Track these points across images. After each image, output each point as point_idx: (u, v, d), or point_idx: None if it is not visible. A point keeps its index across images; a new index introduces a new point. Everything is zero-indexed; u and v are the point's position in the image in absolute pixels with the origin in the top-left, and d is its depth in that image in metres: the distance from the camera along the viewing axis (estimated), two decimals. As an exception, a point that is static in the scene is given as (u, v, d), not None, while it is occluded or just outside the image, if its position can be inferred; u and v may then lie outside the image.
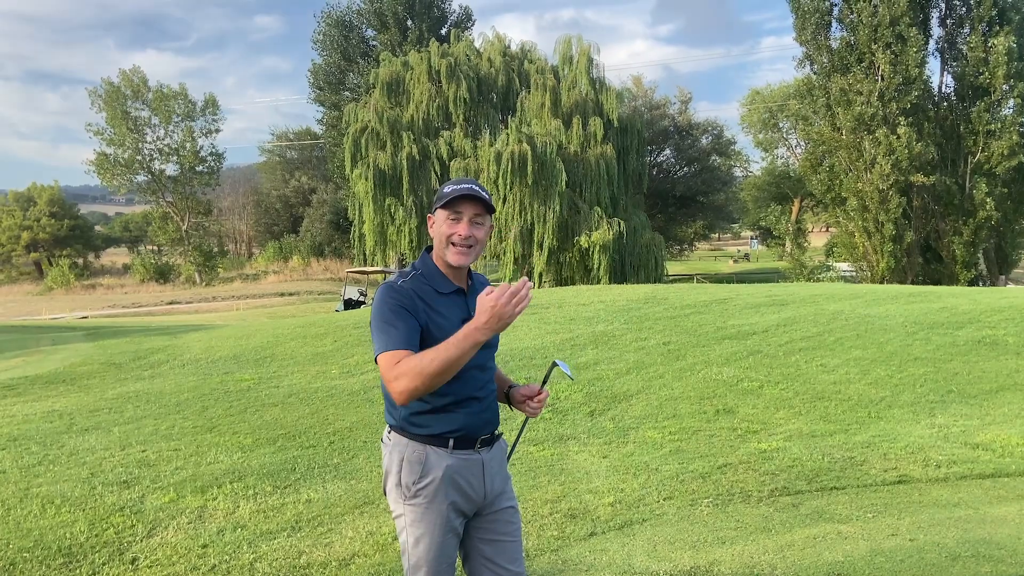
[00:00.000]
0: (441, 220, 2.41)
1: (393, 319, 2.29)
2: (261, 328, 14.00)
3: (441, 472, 2.37)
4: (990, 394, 7.47)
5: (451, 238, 2.38)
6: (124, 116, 53.78)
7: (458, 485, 2.40)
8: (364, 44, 49.12)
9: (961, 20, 30.41)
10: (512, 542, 2.54)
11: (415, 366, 2.16)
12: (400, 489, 2.39)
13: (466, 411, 2.40)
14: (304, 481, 5.51)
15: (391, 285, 2.38)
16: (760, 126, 57.92)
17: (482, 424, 2.45)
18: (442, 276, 2.43)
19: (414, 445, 2.39)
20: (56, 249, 60.94)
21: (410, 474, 2.38)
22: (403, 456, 2.39)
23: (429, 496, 2.37)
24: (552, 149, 31.18)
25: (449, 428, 2.39)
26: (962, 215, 30.01)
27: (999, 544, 4.08)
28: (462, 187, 2.40)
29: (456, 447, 2.39)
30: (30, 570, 4.04)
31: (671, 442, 6.26)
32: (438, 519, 2.37)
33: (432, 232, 2.46)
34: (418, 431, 2.39)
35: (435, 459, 2.38)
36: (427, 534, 2.37)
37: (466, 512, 2.46)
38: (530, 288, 2.14)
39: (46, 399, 8.66)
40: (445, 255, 2.41)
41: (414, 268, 2.46)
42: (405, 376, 2.17)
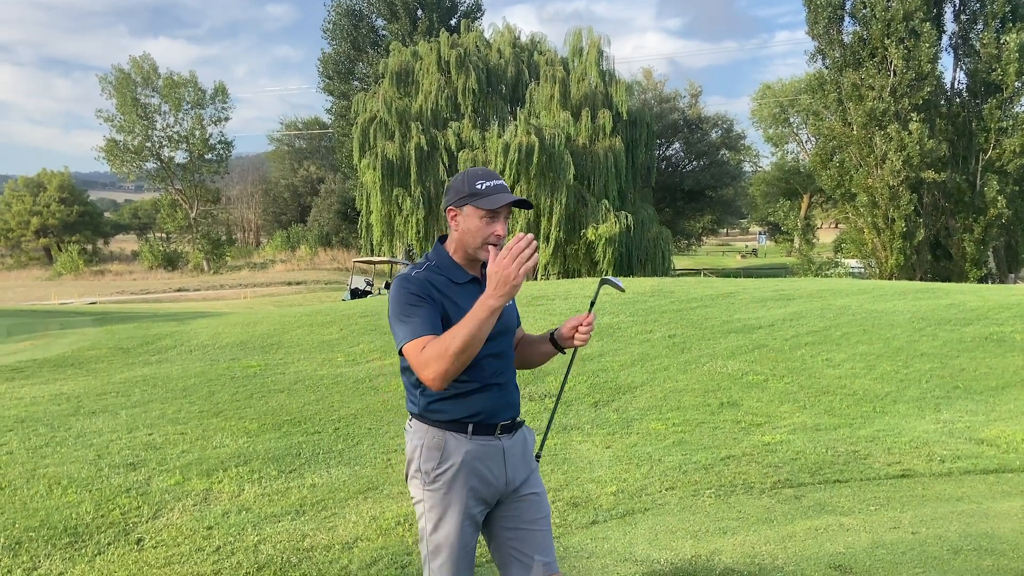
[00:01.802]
0: (474, 217, 2.37)
1: (411, 308, 2.29)
2: (268, 316, 14.06)
3: (460, 458, 2.36)
4: (996, 391, 7.45)
5: (488, 239, 2.36)
6: (134, 103, 53.90)
7: (478, 471, 2.39)
8: (374, 34, 49.08)
9: (975, 16, 30.19)
10: (539, 531, 2.50)
11: (440, 349, 2.16)
12: (420, 475, 2.39)
13: (484, 396, 2.40)
14: (309, 466, 5.55)
15: (406, 276, 2.38)
16: (771, 121, 57.65)
17: (501, 409, 2.44)
18: (457, 266, 2.43)
19: (433, 431, 2.39)
20: (65, 235, 61.26)
21: (429, 460, 2.37)
22: (423, 442, 2.40)
23: (448, 482, 2.36)
24: (560, 141, 31.14)
25: (467, 413, 2.38)
26: (972, 212, 29.84)
27: (1001, 538, 4.07)
28: (497, 184, 2.39)
29: (475, 433, 2.39)
30: (36, 549, 4.09)
31: (675, 433, 6.27)
32: (457, 506, 2.37)
33: (455, 225, 2.42)
34: (437, 417, 2.39)
35: (454, 445, 2.37)
36: (445, 521, 2.36)
37: (487, 499, 2.44)
38: (533, 244, 2.11)
39: (54, 382, 8.72)
40: (477, 252, 2.39)
41: (427, 260, 2.45)
42: (433, 361, 2.17)
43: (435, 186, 33.99)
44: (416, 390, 2.41)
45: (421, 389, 2.39)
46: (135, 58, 54.69)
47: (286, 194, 66.67)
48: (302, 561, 3.93)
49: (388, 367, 8.88)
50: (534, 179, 30.66)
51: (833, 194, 34.04)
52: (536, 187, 30.94)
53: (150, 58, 54.90)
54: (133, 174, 57.75)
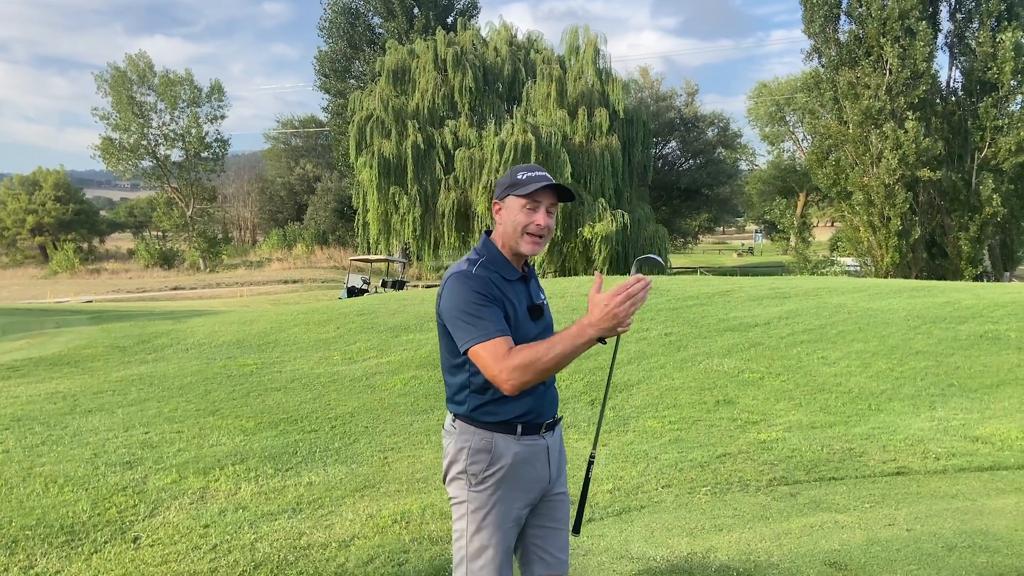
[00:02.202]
0: (516, 208, 2.36)
1: (479, 308, 2.24)
2: (264, 314, 14.04)
3: (510, 460, 2.35)
4: (991, 388, 7.48)
5: (528, 227, 2.34)
6: (130, 101, 53.76)
7: (525, 473, 2.38)
8: (370, 32, 49.02)
9: (970, 15, 30.24)
10: (563, 530, 2.52)
11: (529, 360, 2.13)
12: (466, 477, 2.37)
13: (532, 396, 2.38)
14: (305, 464, 5.55)
15: (466, 273, 2.32)
16: (767, 119, 57.68)
17: (546, 407, 2.44)
18: (507, 263, 2.40)
19: (481, 433, 2.36)
20: (61, 233, 61.09)
21: (477, 462, 2.35)
22: (469, 444, 2.37)
23: (496, 484, 2.35)
24: (557, 139, 31.14)
25: (517, 414, 2.36)
26: (968, 211, 29.90)
27: (996, 535, 4.09)
28: (539, 175, 2.37)
29: (523, 433, 2.37)
30: (32, 548, 4.09)
31: (671, 431, 6.28)
32: (503, 507, 2.36)
33: (500, 218, 2.40)
34: (487, 419, 2.36)
35: (503, 447, 2.36)
36: (491, 522, 2.35)
37: (532, 499, 2.44)
38: (648, 287, 2.08)
39: (50, 380, 8.71)
40: (518, 244, 2.37)
41: (478, 254, 2.40)
42: (519, 370, 2.14)
43: (432, 184, 33.97)
44: (464, 391, 2.36)
45: (470, 390, 2.35)
46: (131, 56, 54.59)
47: (282, 192, 66.57)
48: (299, 559, 3.94)
49: (385, 365, 8.88)
50: (531, 177, 30.63)
51: (829, 192, 34.09)
52: (533, 185, 30.93)
53: (146, 56, 54.80)
54: (129, 172, 57.60)
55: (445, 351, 2.41)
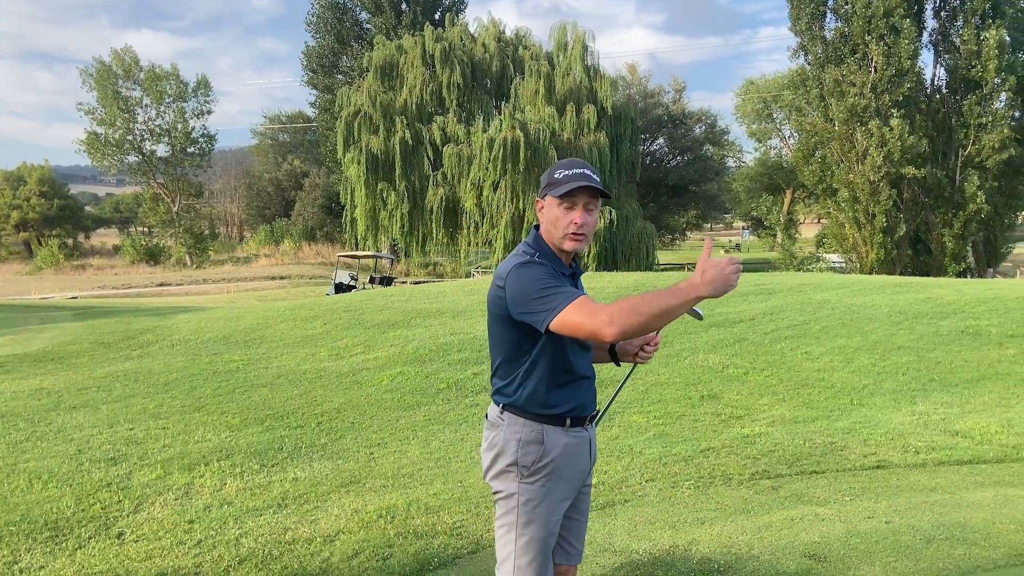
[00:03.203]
0: (554, 207, 2.38)
1: (553, 285, 2.23)
2: (251, 310, 14.01)
3: (559, 451, 2.38)
4: (971, 383, 7.57)
5: (568, 227, 2.36)
6: (115, 96, 53.35)
7: (572, 464, 2.42)
8: (358, 27, 48.84)
9: (954, 12, 30.45)
10: (584, 522, 2.60)
11: (634, 306, 2.08)
12: (516, 468, 2.37)
13: (581, 388, 2.43)
14: (291, 460, 5.56)
15: (531, 262, 2.32)
16: (754, 116, 57.88)
17: (591, 400, 2.49)
18: (557, 258, 2.42)
19: (532, 425, 2.38)
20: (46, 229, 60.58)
21: (528, 454, 2.36)
22: (519, 436, 2.38)
23: (547, 475, 2.37)
24: (545, 136, 31.14)
25: (567, 407, 2.40)
26: (952, 208, 30.14)
27: (973, 528, 4.15)
28: (575, 173, 2.37)
29: (571, 425, 2.41)
30: (16, 543, 4.08)
31: (655, 426, 6.33)
32: (553, 498, 2.39)
33: (542, 216, 2.43)
34: (539, 410, 2.38)
35: (553, 438, 2.38)
36: (541, 515, 2.37)
37: (576, 489, 2.49)
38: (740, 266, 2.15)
39: (34, 377, 8.66)
40: (561, 243, 2.39)
41: (531, 248, 2.41)
42: (623, 313, 2.07)
43: (420, 180, 33.91)
44: (519, 381, 2.38)
45: (526, 381, 2.37)
46: (116, 50, 54.18)
47: (270, 188, 66.25)
48: (283, 554, 3.95)
49: (371, 362, 8.89)
50: (520, 174, 30.66)
51: (815, 189, 34.30)
52: (521, 182, 30.95)
53: (131, 51, 54.42)
54: (114, 168, 57.17)
55: (502, 342, 2.40)
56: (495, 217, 31.65)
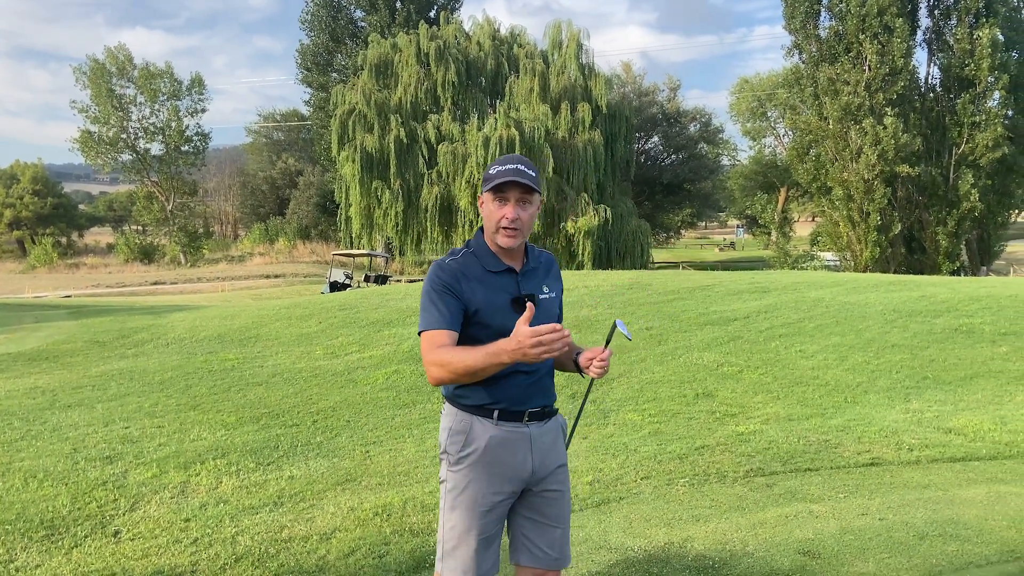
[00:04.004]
0: (489, 202, 2.42)
1: (436, 298, 2.34)
2: (246, 309, 13.99)
3: (484, 443, 2.39)
4: (964, 381, 7.61)
5: (499, 222, 2.39)
6: (109, 94, 53.16)
7: (500, 457, 2.40)
8: (352, 25, 48.76)
9: (948, 11, 30.57)
10: (555, 528, 2.52)
11: (446, 360, 2.23)
12: (446, 456, 2.45)
13: (511, 384, 2.40)
14: (287, 458, 5.56)
15: (439, 263, 2.41)
16: (748, 115, 57.99)
17: (529, 397, 2.45)
18: (492, 255, 2.44)
19: (461, 415, 2.43)
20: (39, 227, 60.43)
21: (455, 443, 2.42)
22: (451, 425, 2.45)
23: (472, 465, 2.40)
24: (540, 134, 31.16)
25: (493, 400, 2.40)
26: (946, 206, 30.26)
27: (966, 524, 4.18)
28: (507, 169, 2.39)
29: (501, 419, 2.41)
30: (12, 542, 4.08)
31: (650, 424, 6.35)
32: (476, 491, 2.39)
33: (482, 213, 2.46)
34: (464, 401, 2.43)
35: (479, 429, 2.41)
36: (463, 504, 2.40)
37: (512, 488, 2.45)
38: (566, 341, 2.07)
39: (29, 376, 8.64)
40: (497, 239, 2.41)
41: (467, 246, 2.48)
42: (436, 366, 2.26)
43: (414, 179, 33.89)
44: None
45: None
46: (110, 48, 53.99)
47: (264, 187, 66.10)
48: (280, 552, 3.96)
49: (367, 360, 8.89)
50: (514, 172, 30.64)
51: (809, 188, 34.40)
52: (516, 180, 30.95)
53: (125, 48, 54.20)
54: (108, 166, 56.95)
55: None
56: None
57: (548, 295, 2.53)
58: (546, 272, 2.58)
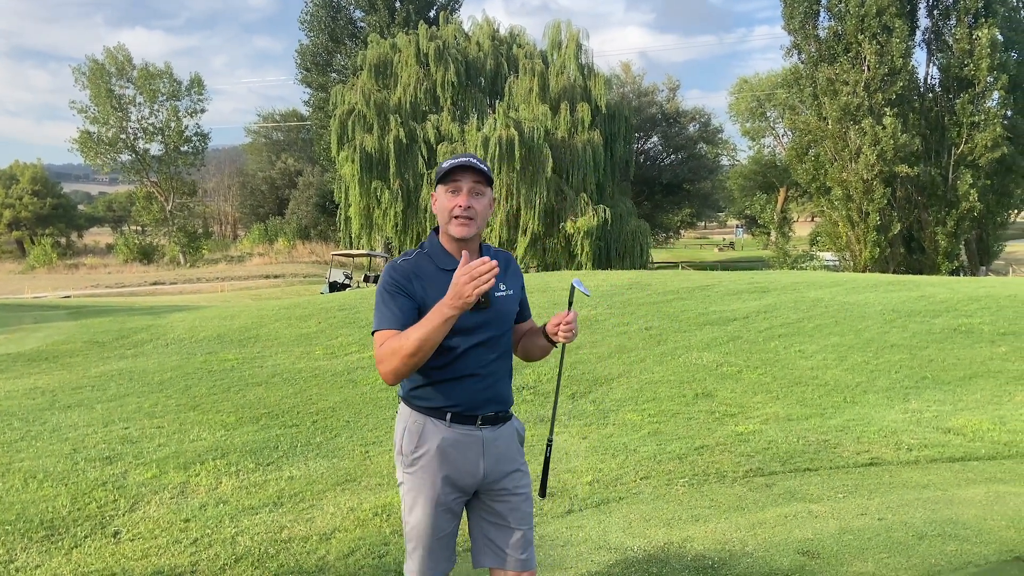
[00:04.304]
0: (441, 195, 2.43)
1: (387, 299, 2.36)
2: (245, 309, 13.99)
3: (436, 444, 2.42)
4: (963, 381, 7.61)
5: (452, 211, 2.40)
6: (108, 94, 53.19)
7: (451, 459, 2.43)
8: (352, 25, 48.80)
9: (947, 11, 30.59)
10: (516, 529, 2.52)
11: (394, 347, 2.24)
12: (401, 457, 2.49)
13: (464, 387, 2.42)
14: (287, 459, 5.57)
15: (392, 264, 2.44)
16: (748, 115, 58.04)
17: (483, 402, 2.46)
18: (446, 253, 2.46)
19: (415, 416, 2.46)
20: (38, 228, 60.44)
21: (409, 443, 2.45)
22: (405, 426, 2.48)
23: (423, 466, 2.43)
24: (539, 135, 31.17)
25: (446, 403, 2.43)
26: (945, 206, 30.28)
27: (965, 524, 4.19)
28: (459, 159, 2.43)
29: (454, 421, 2.43)
30: (12, 542, 4.08)
31: (650, 424, 6.35)
32: (430, 491, 2.43)
33: (436, 209, 2.48)
34: (419, 403, 2.46)
35: (432, 431, 2.43)
36: (419, 504, 2.44)
37: (463, 489, 2.48)
38: (494, 271, 2.14)
39: (28, 376, 8.64)
40: (449, 229, 2.42)
41: (421, 246, 2.51)
42: (386, 358, 2.26)
43: (414, 179, 33.89)
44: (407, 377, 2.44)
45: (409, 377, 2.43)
46: (109, 49, 54.05)
47: (263, 187, 66.11)
48: (280, 552, 3.96)
49: (367, 360, 8.89)
50: (514, 173, 30.67)
51: (809, 188, 34.42)
52: (516, 180, 30.97)
53: (124, 49, 54.26)
54: (107, 166, 56.97)
55: None
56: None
57: (505, 292, 2.53)
58: (504, 270, 2.55)
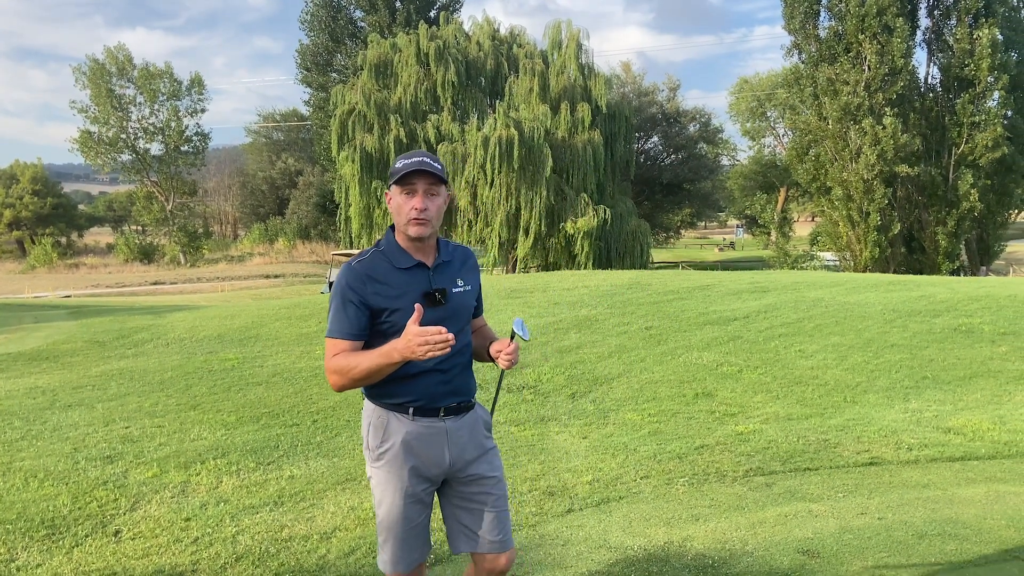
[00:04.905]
0: (397, 195, 2.44)
1: (340, 304, 2.40)
2: (246, 309, 14.00)
3: (400, 437, 2.48)
4: (963, 380, 7.62)
5: (408, 213, 2.42)
6: (108, 94, 53.25)
7: (417, 451, 2.49)
8: (352, 25, 48.81)
9: (947, 11, 30.59)
10: (489, 511, 2.58)
11: (343, 367, 2.33)
12: (368, 452, 2.55)
13: (425, 383, 2.47)
14: (287, 458, 5.57)
15: (348, 266, 2.45)
16: (748, 115, 58.07)
17: (444, 394, 2.51)
18: (401, 251, 2.48)
19: (379, 411, 2.52)
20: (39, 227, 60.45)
21: (375, 438, 2.52)
22: (371, 421, 2.53)
23: (390, 459, 2.49)
24: (539, 134, 31.15)
25: (408, 398, 2.48)
26: (945, 206, 30.28)
27: (965, 524, 4.19)
28: (412, 161, 2.43)
29: (417, 415, 2.49)
30: (13, 541, 4.09)
31: (650, 424, 6.35)
32: (398, 483, 2.48)
33: (391, 208, 2.48)
34: (381, 400, 2.51)
35: (396, 425, 2.49)
36: (388, 496, 2.49)
37: (431, 478, 2.54)
38: (449, 344, 2.19)
39: (29, 375, 8.65)
40: (405, 229, 2.44)
41: (377, 245, 2.52)
42: (335, 373, 2.36)
43: (414, 179, 33.83)
44: None
45: None
46: (109, 48, 54.11)
47: (264, 187, 66.13)
48: (280, 551, 3.97)
49: (366, 360, 8.89)
50: (514, 173, 30.67)
51: (809, 188, 34.41)
52: (516, 180, 30.96)
53: (125, 48, 54.35)
54: (108, 166, 57.02)
55: None
56: (489, 215, 31.66)
57: (462, 288, 2.56)
58: (461, 265, 2.61)
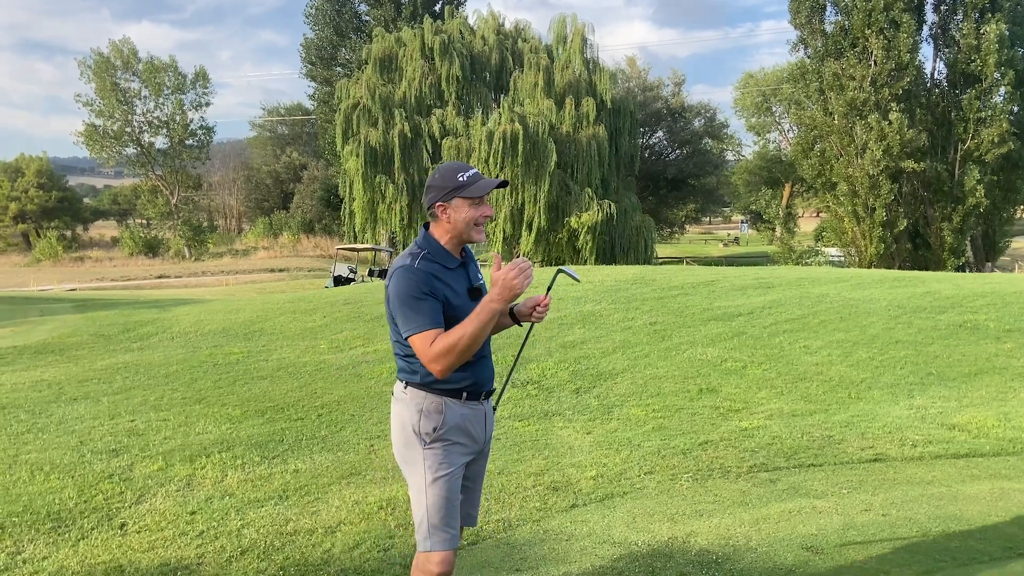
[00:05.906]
0: (464, 206, 2.65)
1: (417, 303, 2.56)
2: (250, 303, 14.02)
3: (456, 420, 2.70)
4: (969, 377, 7.60)
5: (477, 220, 2.67)
6: (114, 87, 53.31)
7: (468, 431, 2.74)
8: (357, 19, 48.75)
9: (954, 6, 30.42)
10: (478, 489, 2.92)
11: (449, 345, 2.50)
12: (418, 436, 2.68)
13: (477, 368, 2.73)
14: (292, 452, 5.59)
15: (409, 268, 2.61)
16: (753, 110, 57.82)
17: (488, 378, 2.80)
18: (447, 253, 2.70)
19: (432, 397, 2.68)
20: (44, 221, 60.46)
21: (429, 422, 2.67)
22: (422, 408, 2.68)
23: (447, 440, 2.69)
24: (544, 129, 31.11)
25: (464, 383, 2.70)
26: (951, 202, 30.16)
27: (969, 520, 4.19)
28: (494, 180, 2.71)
29: (469, 398, 2.73)
30: (19, 534, 4.11)
31: (654, 419, 6.36)
32: (455, 460, 2.70)
33: (447, 217, 2.67)
34: (438, 386, 2.67)
35: (451, 410, 2.69)
36: (445, 475, 2.67)
37: (473, 454, 2.80)
38: (532, 266, 2.51)
39: (35, 369, 8.69)
40: (470, 234, 2.68)
41: (419, 247, 2.69)
42: (442, 356, 2.51)
43: (418, 173, 33.88)
44: (419, 364, 2.64)
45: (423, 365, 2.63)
46: (114, 42, 54.13)
47: (268, 181, 66.14)
48: (285, 545, 3.98)
49: (371, 354, 8.91)
50: (519, 167, 30.64)
51: (814, 183, 34.31)
52: (520, 175, 30.92)
53: (130, 42, 54.39)
54: (113, 159, 57.13)
55: (395, 332, 2.71)
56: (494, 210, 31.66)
57: (483, 281, 2.85)
58: (472, 262, 2.86)
